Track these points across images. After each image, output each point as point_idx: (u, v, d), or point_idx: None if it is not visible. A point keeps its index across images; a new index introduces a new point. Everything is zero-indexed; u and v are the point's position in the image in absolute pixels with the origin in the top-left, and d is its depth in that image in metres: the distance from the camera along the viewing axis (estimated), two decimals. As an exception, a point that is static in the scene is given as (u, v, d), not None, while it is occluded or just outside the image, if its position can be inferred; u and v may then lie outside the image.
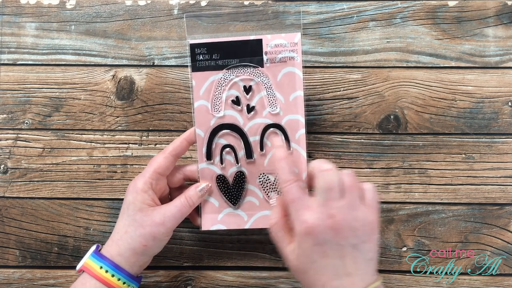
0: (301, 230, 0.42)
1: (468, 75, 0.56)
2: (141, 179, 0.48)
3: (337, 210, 0.42)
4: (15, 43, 0.57)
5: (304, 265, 0.43)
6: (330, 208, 0.42)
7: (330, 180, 0.43)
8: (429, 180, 0.56)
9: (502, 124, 0.56)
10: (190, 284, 0.56)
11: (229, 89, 0.50)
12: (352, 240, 0.42)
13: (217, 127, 0.50)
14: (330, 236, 0.42)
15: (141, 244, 0.47)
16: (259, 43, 0.49)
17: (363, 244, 0.42)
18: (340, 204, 0.42)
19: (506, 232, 0.56)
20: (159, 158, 0.49)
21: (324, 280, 0.42)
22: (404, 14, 0.56)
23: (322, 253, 0.42)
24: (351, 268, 0.42)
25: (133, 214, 0.47)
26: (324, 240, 0.42)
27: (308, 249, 0.42)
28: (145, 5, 0.57)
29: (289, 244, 0.44)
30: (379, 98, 0.56)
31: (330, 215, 0.42)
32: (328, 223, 0.42)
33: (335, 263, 0.42)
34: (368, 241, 0.43)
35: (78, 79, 0.57)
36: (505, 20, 0.56)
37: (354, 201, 0.43)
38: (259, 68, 0.49)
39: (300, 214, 0.43)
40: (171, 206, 0.48)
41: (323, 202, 0.42)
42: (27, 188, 0.56)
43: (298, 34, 0.49)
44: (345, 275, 0.42)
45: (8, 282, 0.56)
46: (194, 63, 0.49)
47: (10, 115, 0.57)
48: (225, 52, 0.49)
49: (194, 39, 0.49)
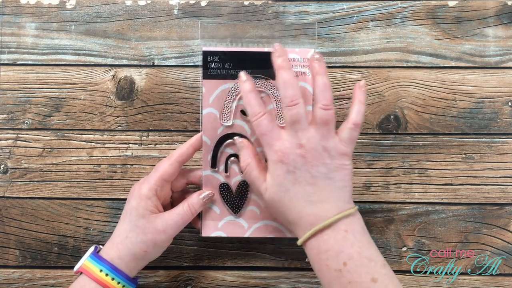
0: (273, 159, 0.44)
1: (468, 75, 0.56)
2: (146, 184, 0.48)
3: (306, 140, 0.44)
4: (15, 43, 0.57)
5: (278, 194, 0.44)
6: (300, 138, 0.44)
7: (295, 114, 0.44)
8: (429, 180, 0.56)
9: (502, 124, 0.56)
10: (190, 284, 0.56)
11: (239, 99, 0.50)
12: (322, 168, 0.44)
13: (224, 136, 0.50)
14: (300, 164, 0.43)
15: (142, 250, 0.47)
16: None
17: (334, 173, 0.44)
18: (309, 134, 0.44)
19: (506, 232, 0.56)
20: (165, 164, 0.48)
21: (298, 207, 0.44)
22: (404, 14, 0.56)
23: (294, 180, 0.44)
24: (324, 196, 0.44)
25: (136, 220, 0.47)
26: (295, 167, 0.43)
27: (280, 177, 0.44)
28: (145, 5, 0.57)
29: (263, 182, 0.46)
30: (379, 98, 0.56)
31: (300, 145, 0.44)
32: (298, 152, 0.44)
33: (307, 189, 0.44)
34: (339, 170, 0.44)
35: (78, 79, 0.57)
36: (505, 20, 0.56)
37: (325, 132, 0.44)
38: (271, 81, 0.49)
39: (272, 144, 0.44)
40: (173, 213, 0.48)
41: (292, 133, 0.44)
42: (27, 188, 0.56)
43: (312, 50, 0.49)
44: (318, 202, 0.44)
45: (8, 282, 0.56)
46: (205, 71, 0.49)
47: (10, 115, 0.57)
48: (238, 62, 0.49)
49: (207, 46, 0.49)
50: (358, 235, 0.43)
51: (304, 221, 0.44)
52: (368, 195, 0.56)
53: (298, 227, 0.44)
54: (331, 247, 0.42)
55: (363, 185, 0.56)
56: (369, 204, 0.56)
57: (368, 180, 0.56)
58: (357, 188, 0.56)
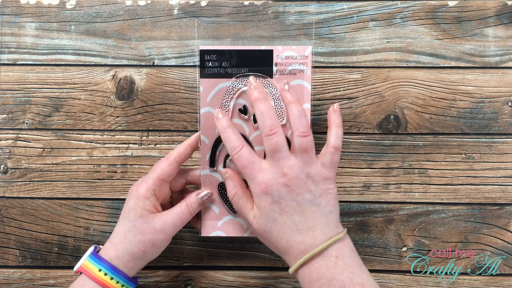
0: (258, 191, 0.44)
1: (468, 75, 0.56)
2: (144, 185, 0.48)
3: (288, 168, 0.44)
4: (15, 43, 0.57)
5: (266, 225, 0.44)
6: (282, 167, 0.44)
7: (274, 143, 0.44)
8: (429, 180, 0.56)
9: (502, 124, 0.56)
10: (190, 284, 0.56)
11: (237, 97, 0.49)
12: (307, 195, 0.44)
13: None
14: (285, 193, 0.43)
15: (140, 250, 0.47)
16: (269, 54, 0.49)
17: (319, 199, 0.44)
18: (291, 162, 0.44)
19: (506, 232, 0.56)
20: (163, 164, 0.49)
21: (286, 237, 0.44)
22: (404, 14, 0.56)
23: (281, 210, 0.44)
24: (311, 223, 0.44)
25: (134, 220, 0.47)
26: (280, 197, 0.43)
27: (267, 208, 0.44)
28: (145, 5, 0.57)
29: (251, 210, 0.46)
30: (379, 98, 0.56)
31: (282, 174, 0.44)
32: (281, 181, 0.43)
33: (294, 219, 0.44)
34: (324, 195, 0.44)
35: (78, 79, 0.57)
36: (505, 20, 0.56)
37: (306, 159, 0.44)
38: (268, 79, 0.49)
39: (254, 177, 0.44)
40: (172, 213, 0.48)
41: (274, 162, 0.44)
42: (27, 188, 0.56)
43: (309, 47, 0.49)
44: (306, 230, 0.43)
45: (8, 282, 0.56)
46: (203, 70, 0.49)
47: (10, 115, 0.57)
48: (235, 60, 0.49)
49: (204, 45, 0.49)
50: (348, 260, 0.43)
51: (294, 250, 0.44)
52: (368, 195, 0.56)
53: (288, 256, 0.45)
54: (322, 275, 0.42)
55: (363, 185, 0.56)
56: (369, 204, 0.56)
57: (368, 180, 0.56)
58: (357, 188, 0.56)
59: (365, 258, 0.56)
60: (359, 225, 0.56)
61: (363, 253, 0.56)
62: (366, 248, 0.56)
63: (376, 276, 0.56)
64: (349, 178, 0.56)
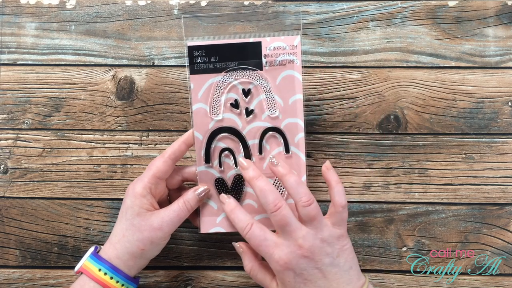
0: (278, 269, 0.44)
1: (468, 75, 0.56)
2: (139, 183, 0.48)
3: (302, 239, 0.44)
4: (15, 43, 0.57)
5: None
6: (295, 239, 0.44)
7: (282, 218, 0.44)
8: (429, 180, 0.56)
9: (502, 124, 0.56)
10: (190, 284, 0.56)
11: (227, 92, 0.49)
12: (326, 259, 0.44)
13: (216, 130, 0.50)
14: (305, 264, 0.44)
15: (139, 248, 0.47)
16: (258, 45, 0.49)
17: (338, 259, 0.44)
18: (303, 232, 0.44)
19: (506, 232, 0.56)
20: (158, 162, 0.49)
21: None
22: (404, 14, 0.56)
23: (304, 280, 0.44)
24: (335, 284, 0.44)
25: (131, 218, 0.47)
26: (301, 269, 0.44)
27: (292, 282, 0.44)
28: (145, 5, 0.57)
29: (272, 280, 0.47)
30: (379, 98, 0.56)
31: (298, 246, 0.44)
32: (299, 253, 0.44)
33: (319, 284, 0.44)
34: (341, 253, 0.45)
35: (78, 79, 0.57)
36: (505, 20, 0.56)
37: (317, 225, 0.44)
38: (258, 71, 0.49)
39: (271, 253, 0.44)
40: (169, 210, 0.48)
41: (286, 236, 0.44)
42: (27, 188, 0.56)
43: (298, 37, 0.49)
44: None
45: (8, 282, 0.56)
46: (192, 66, 0.49)
47: (10, 115, 0.57)
48: (224, 54, 0.49)
49: (192, 41, 0.49)
50: None
51: None
52: (368, 195, 0.56)
53: None
54: None
55: (363, 185, 0.56)
56: (369, 204, 0.56)
57: (368, 180, 0.56)
58: (357, 188, 0.56)
59: (365, 258, 0.56)
60: (359, 225, 0.56)
61: (363, 253, 0.56)
62: (366, 248, 0.56)
63: (376, 276, 0.56)
64: (349, 178, 0.56)
